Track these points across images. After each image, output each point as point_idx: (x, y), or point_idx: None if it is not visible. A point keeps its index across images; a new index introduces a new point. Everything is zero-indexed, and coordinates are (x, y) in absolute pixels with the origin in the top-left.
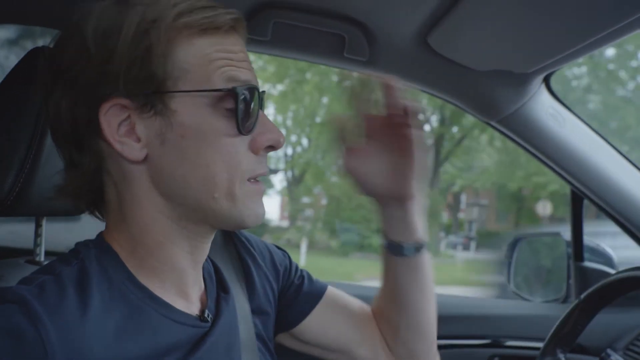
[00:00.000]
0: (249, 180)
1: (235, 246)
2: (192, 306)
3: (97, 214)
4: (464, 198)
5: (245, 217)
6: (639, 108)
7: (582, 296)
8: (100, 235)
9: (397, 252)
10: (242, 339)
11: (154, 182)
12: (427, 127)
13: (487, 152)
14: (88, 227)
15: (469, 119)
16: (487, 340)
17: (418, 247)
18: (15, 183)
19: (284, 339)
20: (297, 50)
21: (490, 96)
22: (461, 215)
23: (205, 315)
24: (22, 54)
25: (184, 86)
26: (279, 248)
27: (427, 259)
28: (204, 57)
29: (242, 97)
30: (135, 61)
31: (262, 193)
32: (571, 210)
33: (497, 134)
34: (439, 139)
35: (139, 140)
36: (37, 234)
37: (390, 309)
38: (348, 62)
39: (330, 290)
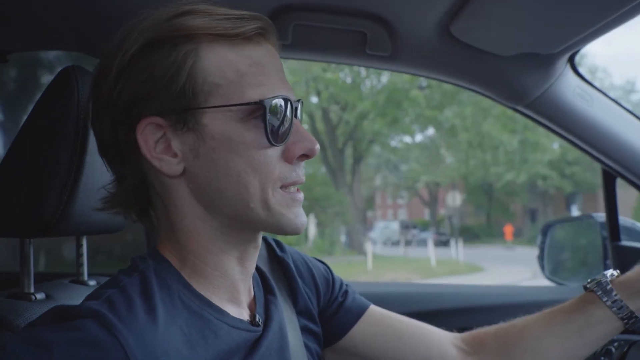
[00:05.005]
0: (282, 188)
1: (279, 260)
2: (243, 312)
3: (147, 223)
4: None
5: (283, 226)
6: None
7: None
8: (154, 248)
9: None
10: (291, 342)
11: (193, 194)
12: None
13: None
14: None
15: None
16: None
17: None
18: (59, 202)
19: (328, 354)
20: (319, 52)
21: (517, 81)
22: (441, 212)
23: (257, 319)
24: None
25: (215, 101)
26: (319, 261)
27: None
28: (235, 71)
29: (272, 108)
30: (164, 79)
31: (298, 202)
32: (604, 190)
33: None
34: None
35: (175, 155)
36: (79, 253)
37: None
38: (370, 59)
39: (374, 308)
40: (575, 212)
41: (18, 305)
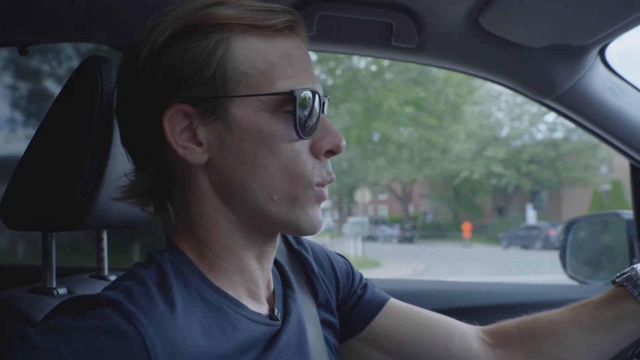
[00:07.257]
0: (318, 186)
1: (297, 253)
2: (261, 306)
3: (164, 215)
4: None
5: (302, 223)
6: None
7: None
8: (171, 241)
9: None
10: (310, 337)
11: (214, 186)
12: None
13: None
14: None
15: None
16: None
17: None
18: (83, 195)
19: (348, 347)
20: (344, 43)
21: (546, 73)
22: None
23: (275, 313)
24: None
25: (244, 90)
26: (340, 256)
27: None
28: (266, 62)
29: (301, 100)
30: (194, 67)
31: (323, 199)
32: (632, 186)
33: None
34: None
35: (200, 144)
36: (100, 248)
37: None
38: (396, 51)
39: (394, 301)
40: (529, 210)
41: (40, 301)
